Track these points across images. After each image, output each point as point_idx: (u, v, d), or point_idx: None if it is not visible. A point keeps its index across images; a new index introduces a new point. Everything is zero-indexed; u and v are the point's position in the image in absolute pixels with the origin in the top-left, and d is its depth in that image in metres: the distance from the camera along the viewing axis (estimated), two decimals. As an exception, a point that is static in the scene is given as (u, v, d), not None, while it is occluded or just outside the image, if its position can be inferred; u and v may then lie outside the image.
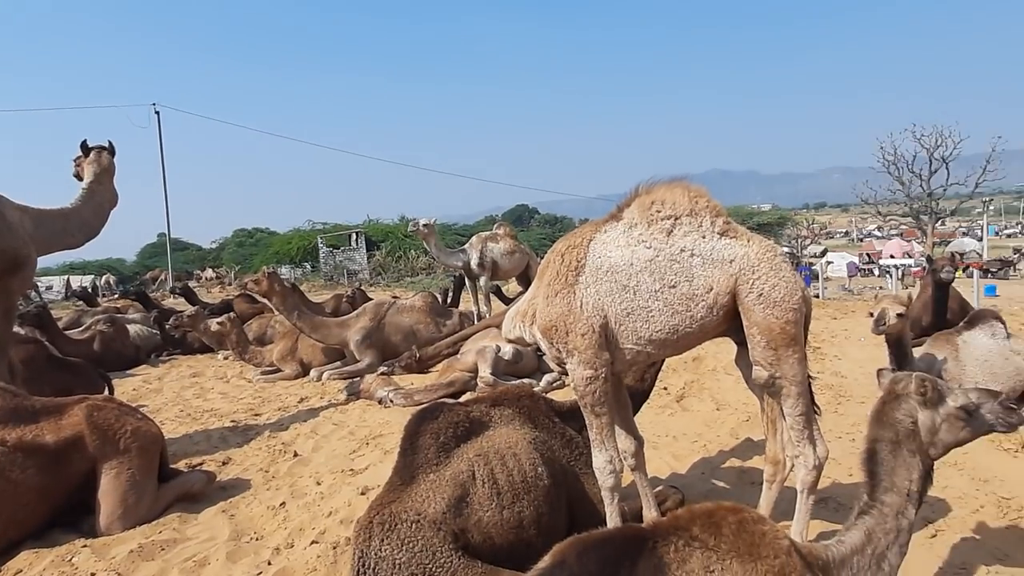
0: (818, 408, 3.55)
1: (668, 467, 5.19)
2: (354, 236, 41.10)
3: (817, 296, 22.90)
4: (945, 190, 42.18)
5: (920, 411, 2.54)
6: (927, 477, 2.57)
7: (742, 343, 3.41)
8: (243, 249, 51.71)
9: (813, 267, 36.68)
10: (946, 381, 5.67)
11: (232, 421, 7.15)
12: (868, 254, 48.60)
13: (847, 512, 2.58)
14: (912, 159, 42.29)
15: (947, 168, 41.42)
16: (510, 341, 3.77)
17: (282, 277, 9.75)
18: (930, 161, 41.59)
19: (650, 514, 3.73)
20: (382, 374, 8.50)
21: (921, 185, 42.45)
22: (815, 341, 10.79)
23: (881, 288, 26.71)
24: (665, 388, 7.80)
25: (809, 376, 3.36)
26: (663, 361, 4.53)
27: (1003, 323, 6.15)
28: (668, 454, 5.48)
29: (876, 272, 40.13)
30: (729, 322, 3.30)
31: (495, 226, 12.74)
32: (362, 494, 4.69)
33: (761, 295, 3.14)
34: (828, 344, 10.45)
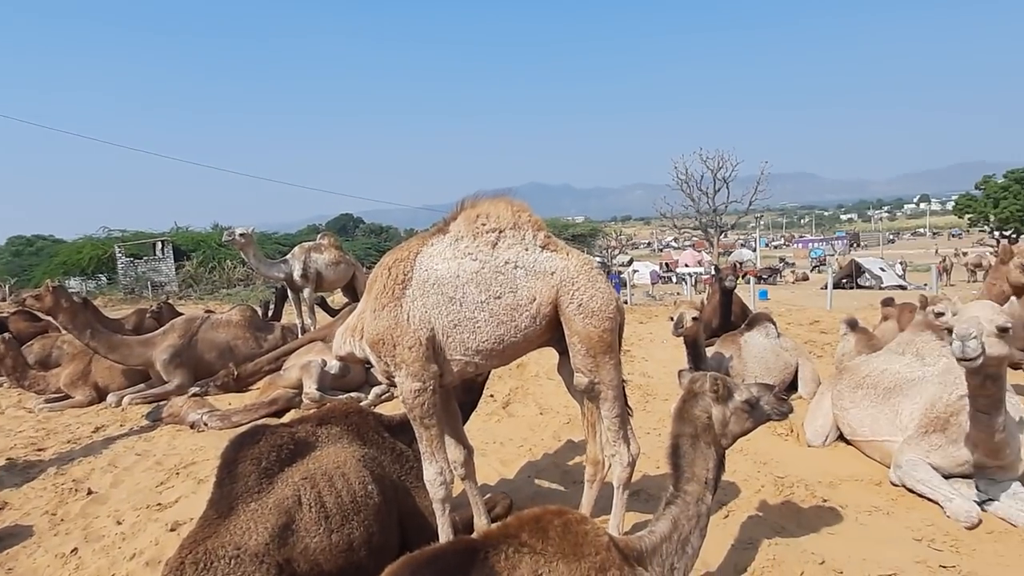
0: (631, 408, 3.81)
1: (497, 473, 5.28)
2: (160, 245, 37.41)
3: (626, 302, 24.70)
4: (727, 206, 47.55)
5: (714, 407, 2.82)
6: (720, 465, 2.86)
7: (564, 352, 3.56)
8: (21, 259, 44.90)
9: (622, 275, 39.55)
10: (733, 377, 6.38)
11: (7, 459, 6.14)
12: (667, 263, 53.29)
13: (657, 502, 2.78)
14: (700, 178, 47.21)
15: (728, 187, 46.71)
16: (341, 358, 3.62)
17: (71, 291, 8.57)
18: (714, 181, 46.69)
19: (481, 522, 3.77)
20: (194, 395, 7.79)
21: (707, 202, 47.48)
22: (625, 344, 11.56)
23: (679, 294, 29.44)
24: (492, 395, 7.94)
25: (623, 379, 3.59)
26: (489, 373, 4.62)
27: (774, 324, 7.04)
28: (496, 460, 5.58)
29: (674, 279, 44.08)
30: (552, 332, 3.43)
31: (319, 236, 12.24)
32: (172, 530, 4.25)
33: (580, 306, 3.30)
34: (636, 347, 11.26)
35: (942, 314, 4.98)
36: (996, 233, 52.27)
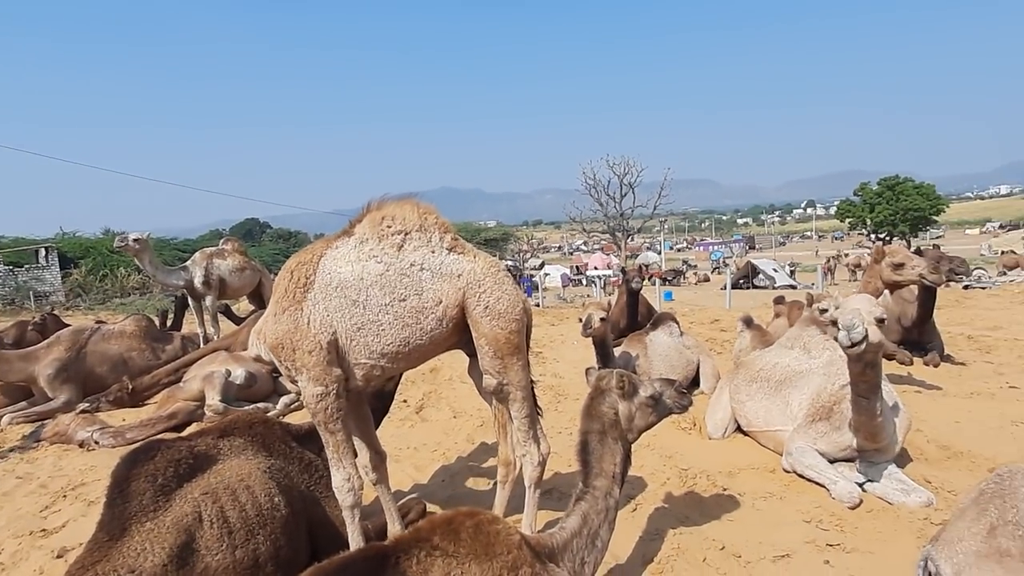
0: (540, 409, 3.86)
1: (411, 479, 5.22)
2: (43, 252, 34.64)
3: (537, 305, 25.00)
4: (633, 211, 49.10)
5: (620, 403, 2.90)
6: (627, 459, 2.94)
7: (473, 355, 3.56)
8: None
9: (533, 278, 40.03)
10: (639, 375, 6.58)
11: None
12: (577, 266, 54.41)
13: (569, 500, 2.83)
14: (607, 184, 48.55)
15: (633, 192, 48.24)
16: (255, 359, 3.49)
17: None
18: (621, 186, 48.13)
19: (394, 528, 3.71)
20: (83, 412, 7.25)
21: (615, 206, 48.88)
22: (537, 346, 11.74)
23: (589, 296, 30.11)
24: (405, 400, 7.85)
25: (532, 380, 3.63)
26: (402, 374, 4.56)
27: (677, 323, 7.32)
28: (410, 465, 5.51)
29: (584, 282, 45.01)
30: (459, 334, 3.42)
31: (222, 241, 11.71)
32: (59, 557, 3.93)
33: (487, 308, 3.31)
34: (548, 348, 11.43)
35: (826, 310, 5.33)
36: (872, 235, 56.53)
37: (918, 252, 6.64)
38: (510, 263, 48.46)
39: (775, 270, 37.71)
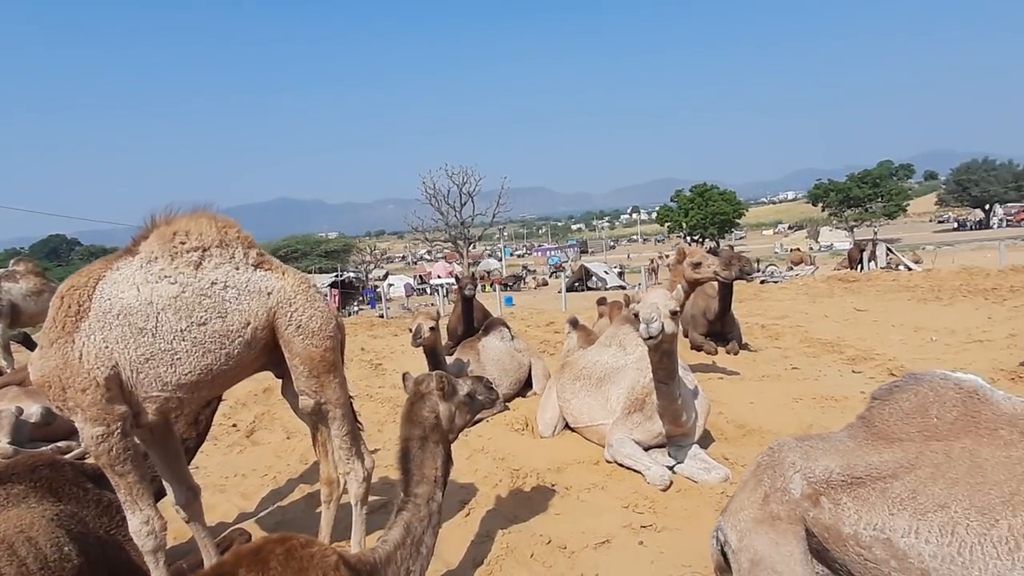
0: (361, 424, 3.75)
1: (237, 508, 4.87)
2: None
3: (381, 316, 24.55)
4: (473, 219, 49.81)
5: (441, 404, 2.90)
6: (448, 460, 2.94)
7: (283, 375, 3.38)
8: None
9: (377, 289, 39.25)
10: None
11: None
12: (421, 275, 54.13)
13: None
14: (447, 193, 48.87)
15: (473, 201, 48.95)
16: None
17: None
18: (460, 195, 48.67)
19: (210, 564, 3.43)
20: None
21: (455, 215, 49.32)
22: (377, 358, 11.51)
23: (432, 304, 30.05)
24: (235, 425, 7.34)
25: (350, 396, 3.52)
26: (219, 400, 4.24)
27: (509, 328, 7.50)
28: (237, 495, 5.14)
29: (428, 290, 44.89)
30: (268, 355, 3.21)
31: (12, 261, 10.25)
32: None
33: (300, 327, 3.14)
34: (389, 359, 11.23)
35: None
36: (688, 237, 61.86)
37: (713, 252, 7.32)
38: (352, 275, 47.18)
39: (606, 272, 40.02)
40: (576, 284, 37.80)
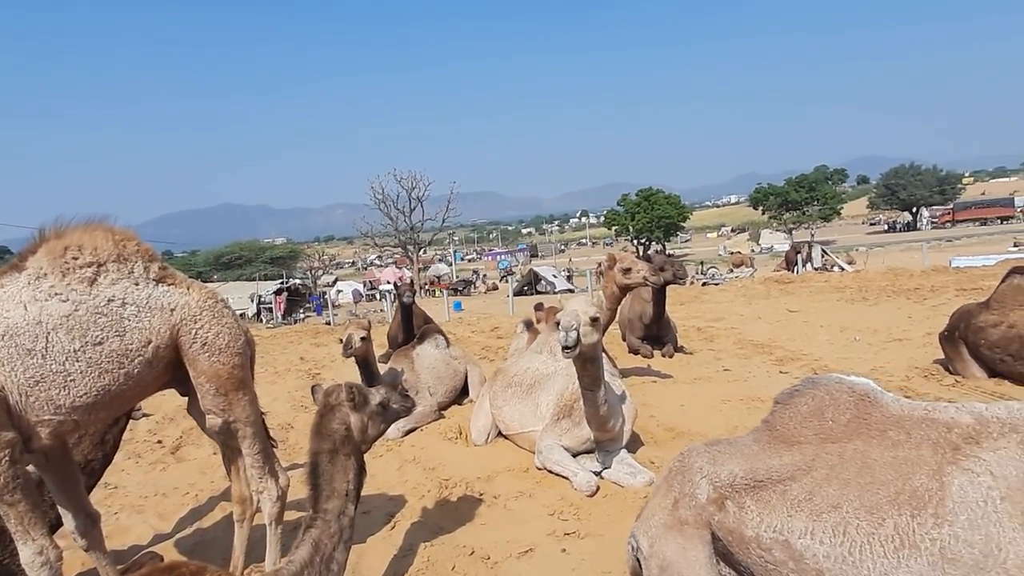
0: (275, 441, 3.65)
1: (153, 530, 4.67)
2: None
3: (328, 323, 24.12)
4: (423, 224, 49.56)
5: (352, 415, 2.82)
6: (362, 472, 2.87)
7: (187, 393, 3.25)
8: None
9: (326, 295, 38.56)
10: (409, 389, 6.55)
11: None
12: (370, 281, 53.47)
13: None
14: (397, 198, 48.55)
15: (422, 206, 48.74)
16: None
17: None
18: (409, 200, 48.40)
19: (116, 593, 3.27)
20: None
21: (405, 220, 49.00)
22: (316, 367, 11.29)
23: (381, 311, 29.69)
24: (159, 441, 7.07)
25: (262, 413, 3.42)
26: (127, 418, 4.07)
27: (444, 335, 7.45)
28: (154, 515, 4.94)
29: (378, 296, 44.41)
30: (171, 373, 3.07)
31: None
32: None
33: (206, 344, 3.02)
34: (328, 369, 11.02)
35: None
36: (635, 241, 62.86)
37: (647, 258, 7.44)
38: (299, 281, 46.26)
39: (555, 276, 40.24)
40: (525, 288, 37.90)
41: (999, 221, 60.98)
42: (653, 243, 61.94)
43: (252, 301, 35.13)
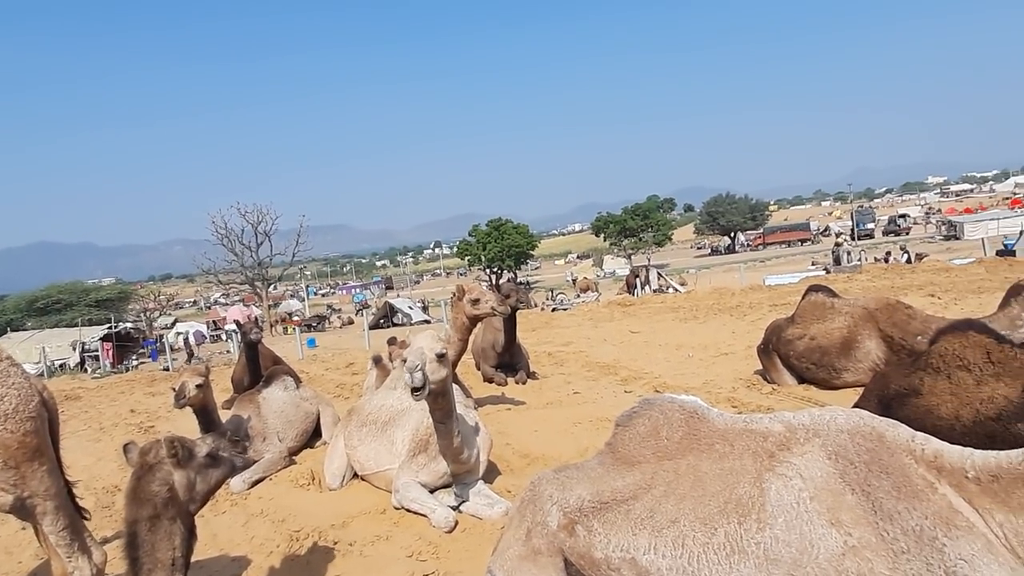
0: (86, 512, 3.20)
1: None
2: None
3: (166, 369, 22.00)
4: (271, 259, 47.13)
5: (176, 473, 2.51)
6: (192, 536, 2.57)
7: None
8: None
9: (163, 339, 35.23)
10: (254, 437, 6.08)
11: None
12: (215, 321, 49.79)
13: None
14: (241, 232, 45.88)
15: (270, 241, 46.42)
16: None
17: None
18: (256, 235, 45.92)
19: None
20: None
21: (252, 256, 46.34)
22: (150, 420, 10.20)
23: (228, 352, 27.64)
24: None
25: (69, 483, 2.99)
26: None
27: (294, 376, 7.03)
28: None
29: (224, 337, 41.41)
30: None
31: None
32: None
33: (-10, 409, 2.60)
34: (164, 421, 9.99)
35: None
36: (488, 270, 63.88)
37: (496, 288, 7.53)
38: (131, 325, 41.93)
39: (411, 308, 39.77)
40: (381, 321, 37.08)
41: (800, 243, 69.12)
42: (505, 271, 63.28)
43: (75, 349, 31.23)
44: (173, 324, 54.15)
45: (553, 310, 22.97)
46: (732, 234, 78.83)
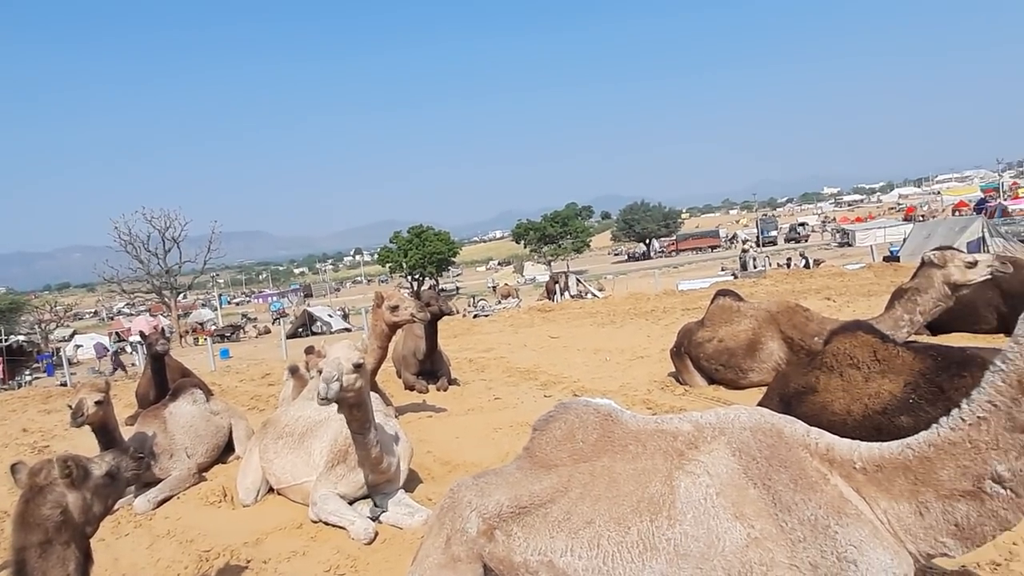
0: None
1: None
2: None
3: (64, 384, 20.47)
4: (180, 267, 44.87)
5: (70, 494, 2.34)
6: (87, 560, 2.40)
7: None
8: None
9: (60, 352, 32.75)
10: (160, 454, 5.75)
11: None
12: (118, 332, 46.79)
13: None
14: (147, 239, 43.48)
15: (179, 247, 44.22)
16: None
17: None
18: (163, 241, 43.64)
19: None
20: None
21: (159, 263, 43.96)
22: (44, 439, 9.45)
23: (134, 365, 26.02)
24: None
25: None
26: None
27: (204, 388, 6.69)
28: None
29: (129, 349, 39.02)
30: None
31: None
32: None
33: None
34: (59, 440, 9.26)
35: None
36: (409, 277, 63.20)
37: (416, 295, 7.46)
38: (23, 338, 38.81)
39: (330, 316, 38.79)
40: (300, 330, 35.95)
41: (710, 249, 72.27)
42: (427, 278, 62.82)
43: (-42, 366, 28.58)
44: (71, 336, 50.53)
45: (475, 316, 22.97)
46: (647, 241, 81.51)
